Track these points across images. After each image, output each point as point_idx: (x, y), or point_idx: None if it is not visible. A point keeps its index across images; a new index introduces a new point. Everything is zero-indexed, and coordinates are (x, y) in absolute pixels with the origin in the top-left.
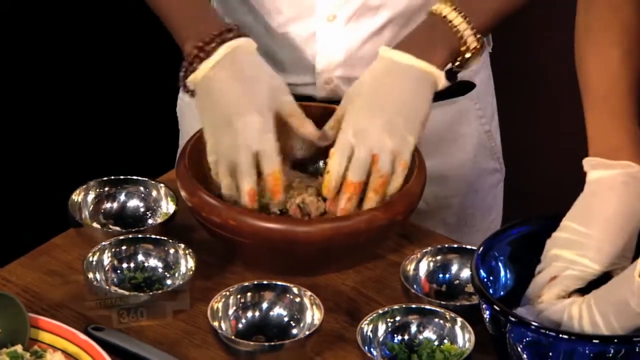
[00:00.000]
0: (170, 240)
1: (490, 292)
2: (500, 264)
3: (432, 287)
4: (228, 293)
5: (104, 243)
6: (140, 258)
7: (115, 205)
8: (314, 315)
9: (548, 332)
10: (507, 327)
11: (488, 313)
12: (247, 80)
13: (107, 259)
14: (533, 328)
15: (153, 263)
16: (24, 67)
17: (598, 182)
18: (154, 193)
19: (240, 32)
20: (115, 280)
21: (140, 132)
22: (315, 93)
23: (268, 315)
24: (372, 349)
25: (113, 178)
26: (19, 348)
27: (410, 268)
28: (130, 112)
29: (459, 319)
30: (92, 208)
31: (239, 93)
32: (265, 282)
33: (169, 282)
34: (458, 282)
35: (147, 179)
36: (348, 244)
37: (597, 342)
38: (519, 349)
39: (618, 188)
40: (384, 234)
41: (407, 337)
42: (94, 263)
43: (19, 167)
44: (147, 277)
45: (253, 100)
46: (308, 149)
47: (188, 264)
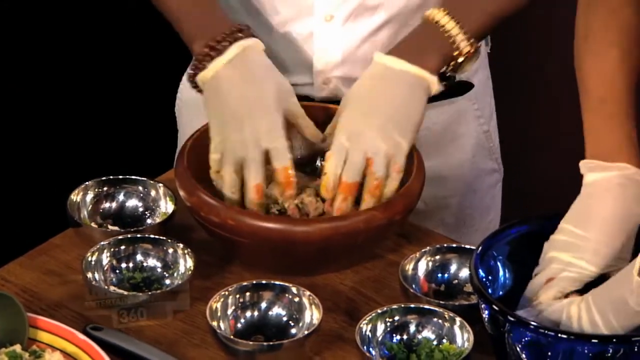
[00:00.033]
0: (169, 240)
1: (489, 291)
2: (499, 264)
3: (430, 286)
4: (227, 293)
5: (103, 243)
6: (139, 258)
7: (114, 205)
8: (313, 315)
9: (547, 331)
10: (506, 326)
11: (487, 313)
12: (256, 81)
13: (105, 259)
14: (532, 328)
15: (152, 263)
16: (23, 67)
17: (594, 184)
18: (153, 193)
19: (250, 32)
20: (114, 280)
21: (139, 131)
22: (314, 93)
23: (267, 315)
24: (371, 349)
25: (112, 178)
26: (18, 348)
27: (409, 268)
28: (129, 111)
29: (458, 319)
30: (90, 208)
31: (249, 93)
32: (264, 281)
33: (168, 282)
34: (457, 281)
35: (145, 179)
36: (347, 244)
37: (595, 341)
38: (518, 349)
39: (614, 190)
40: (383, 234)
41: (405, 336)
42: (93, 263)
43: (18, 166)
44: (145, 276)
45: (263, 101)
46: (307, 149)
47: (187, 264)
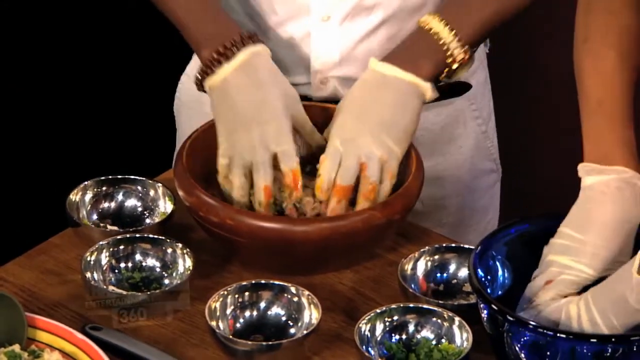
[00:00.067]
0: (168, 240)
1: (488, 291)
2: (498, 263)
3: (429, 286)
4: (226, 292)
5: (102, 242)
6: (138, 257)
7: (113, 205)
8: (312, 315)
9: (546, 331)
10: (505, 326)
11: (486, 312)
12: (264, 86)
13: (104, 259)
14: (531, 327)
15: (151, 262)
16: (23, 67)
17: (592, 187)
18: (152, 192)
19: (258, 38)
20: (113, 280)
21: (138, 131)
22: (312, 93)
23: (266, 315)
24: (369, 348)
25: (111, 177)
26: (17, 347)
27: (408, 267)
28: (128, 111)
29: (457, 318)
30: (89, 207)
31: (257, 98)
32: (263, 281)
33: (167, 281)
34: (456, 281)
35: (144, 179)
36: (345, 244)
37: (595, 341)
38: (517, 349)
39: (612, 194)
40: (382, 234)
41: (404, 336)
42: (92, 262)
43: (17, 166)
44: (144, 276)
45: (271, 106)
46: (305, 150)
47: (186, 264)
